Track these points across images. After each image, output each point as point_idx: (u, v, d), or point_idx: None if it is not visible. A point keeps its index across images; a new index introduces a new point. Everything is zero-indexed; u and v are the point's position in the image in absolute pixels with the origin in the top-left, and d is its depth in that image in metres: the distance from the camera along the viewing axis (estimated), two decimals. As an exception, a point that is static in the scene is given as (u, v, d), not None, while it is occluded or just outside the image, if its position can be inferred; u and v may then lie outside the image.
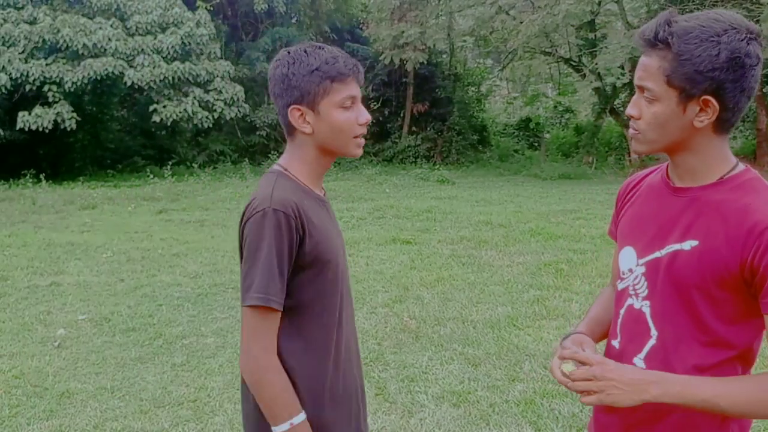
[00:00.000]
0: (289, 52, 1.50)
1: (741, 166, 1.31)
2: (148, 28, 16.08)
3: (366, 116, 1.51)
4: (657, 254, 1.34)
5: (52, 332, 4.92)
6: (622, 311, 1.43)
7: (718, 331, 1.28)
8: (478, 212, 10.37)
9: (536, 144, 23.53)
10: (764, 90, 18.57)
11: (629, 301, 1.40)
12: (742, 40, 1.20)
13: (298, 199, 1.45)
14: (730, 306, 1.28)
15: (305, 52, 1.47)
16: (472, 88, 24.39)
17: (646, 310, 1.36)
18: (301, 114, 1.48)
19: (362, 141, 1.54)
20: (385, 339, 4.67)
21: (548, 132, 23.72)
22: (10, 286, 6.24)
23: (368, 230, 9.11)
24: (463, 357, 4.30)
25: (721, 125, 1.26)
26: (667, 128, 1.27)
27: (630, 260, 1.41)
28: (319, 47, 1.49)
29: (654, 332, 1.34)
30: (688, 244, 1.29)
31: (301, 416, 1.43)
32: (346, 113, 1.48)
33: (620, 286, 1.44)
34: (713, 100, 1.22)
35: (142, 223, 10.08)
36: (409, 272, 6.60)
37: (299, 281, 1.46)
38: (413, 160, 20.28)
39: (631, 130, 1.34)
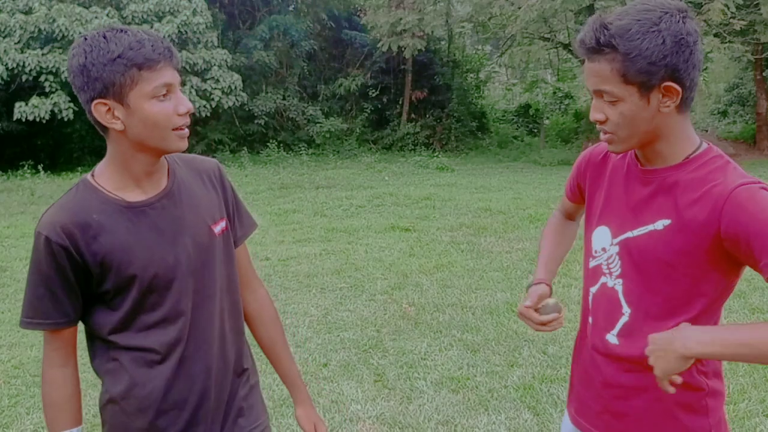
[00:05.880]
0: (85, 39, 1.29)
1: (704, 145, 1.37)
2: (145, 16, 15.96)
3: (186, 105, 1.34)
4: (629, 234, 1.39)
5: (51, 322, 4.92)
6: (594, 289, 1.48)
7: (686, 307, 1.34)
8: (478, 199, 10.36)
9: (535, 130, 23.46)
10: (764, 74, 18.50)
11: (603, 279, 1.45)
12: (678, 22, 1.26)
13: (82, 217, 1.33)
14: (702, 281, 1.32)
15: (104, 37, 1.27)
16: (471, 75, 24.28)
17: (619, 288, 1.41)
18: (108, 109, 1.31)
19: (185, 132, 1.35)
20: (384, 326, 4.68)
21: (547, 118, 23.62)
22: (9, 277, 6.24)
23: (367, 218, 9.11)
24: (462, 343, 4.31)
25: (684, 104, 1.32)
26: (637, 122, 1.32)
27: (605, 239, 1.45)
28: (122, 30, 1.29)
29: (626, 309, 1.40)
30: (660, 224, 1.35)
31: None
32: (161, 104, 1.30)
33: (593, 263, 1.49)
34: (674, 85, 1.27)
35: (140, 213, 10.06)
36: (408, 259, 6.61)
37: (107, 299, 1.39)
38: (412, 147, 20.20)
39: (603, 135, 1.38)
